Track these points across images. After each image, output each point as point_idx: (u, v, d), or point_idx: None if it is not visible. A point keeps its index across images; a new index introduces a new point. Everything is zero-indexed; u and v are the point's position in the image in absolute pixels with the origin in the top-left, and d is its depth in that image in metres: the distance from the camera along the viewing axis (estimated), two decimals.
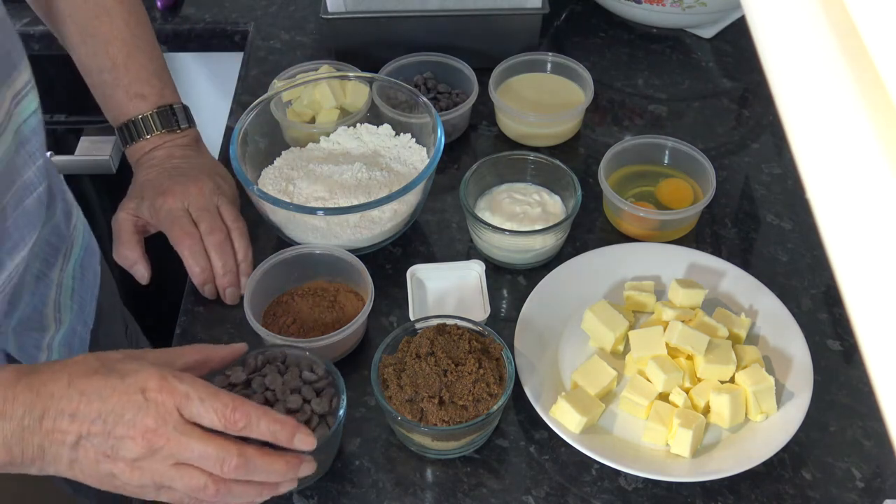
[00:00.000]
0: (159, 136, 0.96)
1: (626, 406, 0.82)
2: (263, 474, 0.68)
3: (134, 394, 0.66)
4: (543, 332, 0.88)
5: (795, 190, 1.04)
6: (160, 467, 0.66)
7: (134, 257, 0.93)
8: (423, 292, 0.91)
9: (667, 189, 1.01)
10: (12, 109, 0.80)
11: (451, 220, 1.01)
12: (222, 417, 0.66)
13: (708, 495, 0.78)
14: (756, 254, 0.98)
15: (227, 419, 0.67)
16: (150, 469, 0.66)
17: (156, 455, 0.66)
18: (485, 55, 1.15)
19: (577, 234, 0.99)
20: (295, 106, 1.05)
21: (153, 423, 0.65)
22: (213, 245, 0.90)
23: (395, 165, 0.99)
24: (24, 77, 0.82)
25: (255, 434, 0.68)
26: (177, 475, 0.66)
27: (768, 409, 0.81)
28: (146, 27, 0.98)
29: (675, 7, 1.20)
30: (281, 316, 0.87)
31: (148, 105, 0.95)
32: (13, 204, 0.82)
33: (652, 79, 1.19)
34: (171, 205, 0.90)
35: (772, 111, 1.15)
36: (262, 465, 0.68)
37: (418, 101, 0.99)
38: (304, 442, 0.70)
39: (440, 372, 0.77)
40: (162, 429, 0.65)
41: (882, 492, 0.78)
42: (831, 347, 0.89)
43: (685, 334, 0.82)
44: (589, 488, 0.79)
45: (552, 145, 1.09)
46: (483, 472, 0.80)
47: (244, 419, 0.67)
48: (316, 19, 1.28)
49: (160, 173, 0.93)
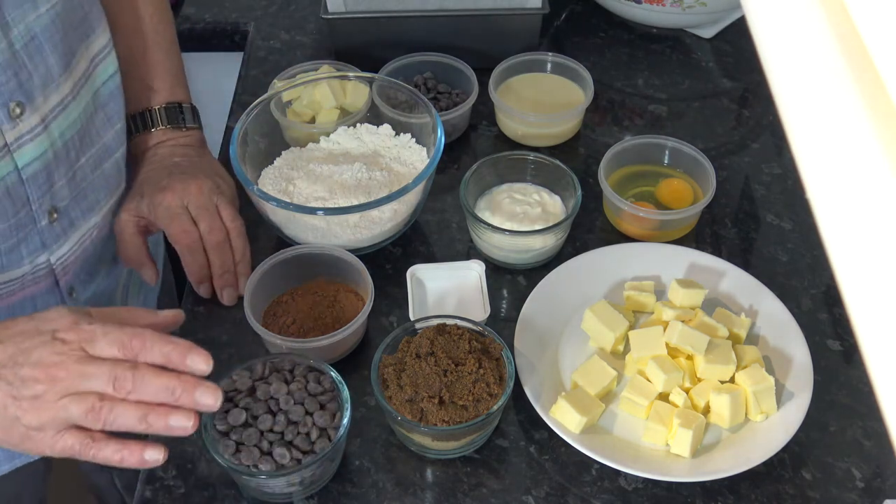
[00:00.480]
0: (163, 131, 0.97)
1: (626, 406, 0.82)
2: (152, 390, 0.66)
3: (44, 335, 0.67)
4: (543, 332, 0.88)
5: (795, 190, 1.04)
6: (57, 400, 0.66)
7: (141, 259, 0.93)
8: (423, 292, 0.91)
9: (667, 189, 1.01)
10: (91, 71, 0.85)
11: (451, 220, 1.01)
12: (120, 345, 0.66)
13: (708, 495, 0.78)
14: (756, 254, 0.98)
15: (124, 345, 0.66)
16: (48, 404, 0.66)
17: (54, 388, 0.66)
18: (485, 55, 1.15)
19: (577, 234, 0.99)
20: (295, 106, 1.05)
21: (56, 359, 0.66)
22: (211, 245, 0.90)
23: (395, 165, 0.99)
24: (102, 40, 0.86)
25: (149, 357, 0.67)
26: (70, 403, 0.66)
27: (768, 409, 0.81)
28: (169, 26, 1.00)
29: (675, 7, 1.20)
30: (281, 316, 0.87)
31: (157, 99, 0.97)
32: (91, 165, 0.87)
33: (652, 79, 1.19)
34: (169, 202, 0.90)
35: (772, 111, 1.15)
36: (152, 378, 0.66)
37: (418, 101, 0.99)
38: (196, 361, 0.68)
39: (440, 372, 0.77)
40: (64, 362, 0.66)
41: (882, 492, 0.78)
42: (831, 347, 0.89)
43: (685, 334, 0.82)
44: (589, 488, 0.79)
45: (552, 145, 1.09)
46: (483, 472, 0.80)
47: (140, 343, 0.67)
48: (316, 19, 1.28)
49: (160, 170, 0.94)
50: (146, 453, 0.67)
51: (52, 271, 0.87)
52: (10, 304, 0.85)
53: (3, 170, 0.77)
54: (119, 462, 0.67)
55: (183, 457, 0.81)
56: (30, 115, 0.77)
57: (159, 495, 0.78)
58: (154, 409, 0.67)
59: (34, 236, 0.83)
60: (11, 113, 0.75)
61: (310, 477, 0.76)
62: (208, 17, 1.32)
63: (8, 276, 0.82)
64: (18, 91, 0.76)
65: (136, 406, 0.66)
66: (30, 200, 0.80)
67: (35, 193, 0.80)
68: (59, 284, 0.88)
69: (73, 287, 0.91)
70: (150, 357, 0.67)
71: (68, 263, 0.88)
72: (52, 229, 0.84)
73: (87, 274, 0.92)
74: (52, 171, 0.82)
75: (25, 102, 0.76)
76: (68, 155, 0.83)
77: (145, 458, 0.67)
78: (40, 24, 0.77)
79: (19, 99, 0.76)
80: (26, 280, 0.84)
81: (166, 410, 0.67)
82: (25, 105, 0.76)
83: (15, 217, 0.80)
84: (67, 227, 0.86)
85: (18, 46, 0.75)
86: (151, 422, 0.67)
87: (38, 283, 0.86)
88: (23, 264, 0.83)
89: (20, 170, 0.78)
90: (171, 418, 0.67)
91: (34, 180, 0.80)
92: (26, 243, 0.82)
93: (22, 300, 0.86)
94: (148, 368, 0.66)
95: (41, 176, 0.80)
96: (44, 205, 0.82)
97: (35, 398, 0.66)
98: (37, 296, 0.87)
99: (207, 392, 0.67)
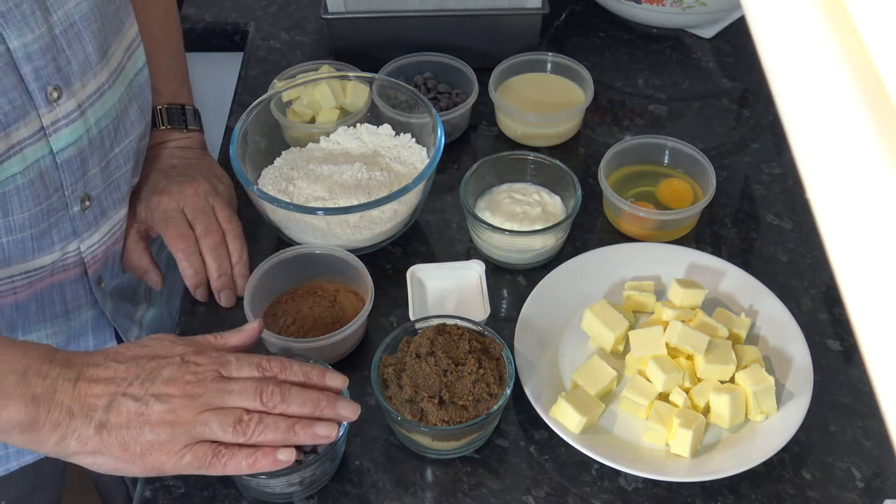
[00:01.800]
0: (164, 131, 0.97)
1: (626, 406, 0.82)
2: (300, 401, 0.70)
3: (172, 358, 0.70)
4: (543, 332, 0.88)
5: (795, 190, 1.04)
6: (195, 414, 0.68)
7: (144, 265, 0.94)
8: (423, 292, 0.91)
9: (667, 189, 1.01)
10: (125, 62, 0.86)
11: (451, 220, 1.01)
12: (257, 366, 0.71)
13: (708, 495, 0.78)
14: (756, 254, 0.98)
15: (262, 367, 0.71)
16: (185, 417, 0.67)
17: (193, 403, 0.68)
18: (485, 55, 1.15)
19: (577, 234, 0.99)
20: (295, 106, 1.05)
21: (193, 378, 0.69)
22: (208, 247, 0.90)
23: (395, 165, 0.99)
24: (132, 33, 0.88)
25: (290, 376, 0.72)
26: (211, 416, 0.68)
27: (768, 409, 0.81)
28: (176, 30, 1.01)
29: (675, 7, 1.20)
30: (281, 316, 0.87)
31: (160, 100, 0.98)
32: (125, 156, 0.88)
33: (652, 79, 1.19)
34: (166, 204, 0.90)
35: (772, 111, 1.15)
36: (298, 391, 0.71)
37: (418, 101, 0.99)
38: (335, 380, 0.74)
39: (440, 372, 0.77)
40: (202, 381, 0.69)
41: (882, 492, 0.78)
42: (831, 347, 0.89)
43: (685, 334, 0.82)
44: (589, 488, 0.79)
45: (552, 145, 1.09)
46: (483, 472, 0.80)
47: (279, 365, 0.72)
48: (316, 19, 1.28)
49: (157, 173, 0.94)
50: (279, 454, 0.70)
51: (82, 260, 0.87)
52: (38, 290, 0.85)
53: (39, 153, 0.77)
54: (250, 467, 0.69)
55: None
56: (67, 100, 0.78)
57: (159, 495, 0.78)
58: (299, 421, 0.71)
59: (66, 222, 0.83)
60: (49, 97, 0.76)
61: (309, 477, 0.76)
62: (208, 17, 1.32)
63: (38, 262, 0.82)
64: (56, 75, 0.76)
65: (284, 418, 0.70)
66: (63, 186, 0.81)
67: (69, 179, 0.81)
68: (87, 273, 0.89)
69: (101, 277, 0.91)
70: (292, 376, 0.72)
71: (98, 253, 0.89)
72: (84, 217, 0.85)
73: (116, 264, 0.93)
74: (87, 157, 0.82)
75: (63, 87, 0.77)
76: (102, 143, 0.84)
77: (280, 458, 0.70)
78: (80, 12, 0.77)
79: (57, 83, 0.76)
80: (56, 267, 0.85)
81: (310, 421, 0.71)
82: (63, 89, 0.77)
83: (47, 201, 0.80)
84: (99, 215, 0.87)
85: (58, 31, 0.76)
86: (298, 431, 0.70)
87: (67, 271, 0.87)
88: (53, 251, 0.83)
89: (55, 154, 0.79)
90: (316, 427, 0.71)
91: (68, 165, 0.80)
92: (57, 229, 0.83)
93: (50, 287, 0.86)
94: (291, 384, 0.71)
95: (75, 162, 0.81)
96: (76, 191, 0.82)
97: (169, 411, 0.67)
98: (65, 283, 0.87)
99: (348, 405, 0.73)
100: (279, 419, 0.70)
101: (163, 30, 0.98)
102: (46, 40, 0.74)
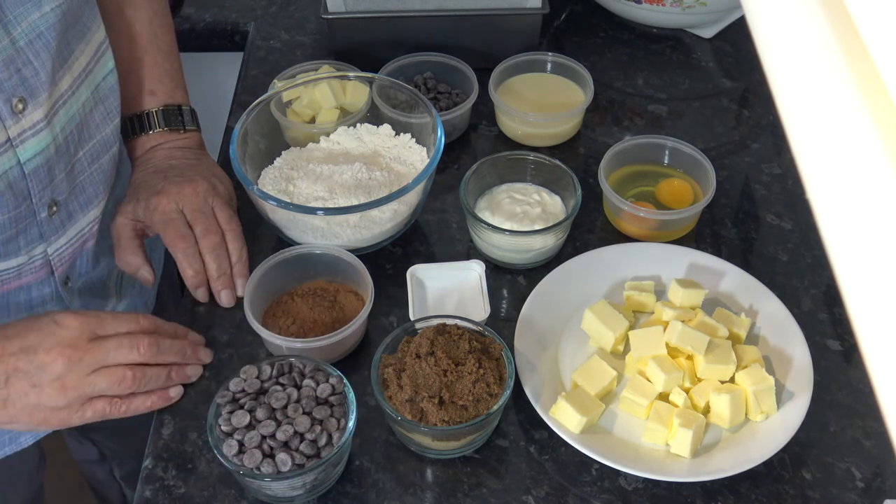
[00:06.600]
0: (161, 133, 0.97)
1: (626, 406, 0.82)
2: (171, 351, 0.81)
3: (48, 326, 0.75)
4: (543, 332, 0.88)
5: (795, 190, 1.04)
6: (83, 378, 0.75)
7: (137, 262, 0.93)
8: (423, 292, 0.91)
9: (667, 189, 1.01)
10: (92, 67, 0.87)
11: (451, 220, 1.01)
12: (134, 323, 0.79)
13: (708, 495, 0.78)
14: (756, 254, 0.98)
15: (138, 323, 0.80)
16: (74, 383, 0.75)
17: (77, 367, 0.75)
18: (485, 55, 1.15)
19: (577, 234, 0.99)
20: (295, 106, 1.05)
21: (70, 341, 0.75)
22: (207, 248, 0.90)
23: (395, 165, 0.99)
24: (99, 36, 0.88)
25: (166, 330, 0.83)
26: (98, 378, 0.76)
27: (768, 409, 0.81)
28: (168, 28, 1.01)
29: (675, 7, 1.20)
30: (281, 316, 0.87)
31: (156, 102, 0.98)
32: (89, 158, 0.89)
33: (652, 79, 1.19)
34: (164, 206, 0.90)
35: (772, 111, 1.15)
36: (170, 343, 0.81)
37: (418, 101, 0.99)
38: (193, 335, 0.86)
39: (440, 372, 0.77)
40: (79, 343, 0.75)
41: (882, 492, 0.78)
42: (831, 347, 0.89)
43: (685, 334, 0.82)
44: (589, 488, 0.79)
45: (552, 145, 1.09)
46: (483, 472, 0.80)
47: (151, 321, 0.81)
48: (316, 19, 1.28)
49: (156, 174, 0.94)
50: (171, 391, 0.82)
51: (49, 262, 0.88)
52: (4, 291, 0.86)
53: (6, 164, 0.77)
54: (149, 408, 0.80)
55: (183, 457, 0.81)
56: (32, 111, 0.78)
57: (159, 495, 0.78)
58: (173, 367, 0.82)
59: (33, 228, 0.84)
60: (14, 108, 0.76)
61: (312, 481, 0.76)
62: (208, 18, 1.32)
63: (3, 265, 0.84)
64: (21, 87, 0.76)
65: (161, 367, 0.80)
66: (31, 194, 0.81)
67: (36, 187, 0.82)
68: (54, 274, 0.90)
69: (68, 277, 0.92)
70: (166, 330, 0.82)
71: (65, 255, 0.89)
72: (51, 222, 0.86)
73: (83, 265, 0.94)
74: (53, 165, 0.83)
75: (28, 98, 0.77)
76: (68, 149, 0.84)
77: (171, 395, 0.82)
78: (46, 23, 0.77)
79: (22, 95, 0.76)
80: (23, 269, 0.86)
81: (182, 367, 0.83)
82: (28, 101, 0.77)
83: (16, 210, 0.81)
84: (66, 219, 0.88)
85: (22, 43, 0.76)
86: (174, 376, 0.82)
87: (34, 273, 0.87)
88: (20, 255, 0.84)
89: (23, 164, 0.79)
90: (187, 370, 0.83)
91: (35, 175, 0.81)
92: (24, 235, 0.84)
93: (17, 289, 0.87)
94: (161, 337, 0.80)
95: (42, 170, 0.81)
96: (44, 198, 0.83)
97: (57, 379, 0.74)
98: (32, 285, 0.88)
99: (206, 351, 0.86)
100: (158, 369, 0.80)
101: (154, 29, 0.98)
102: (9, 53, 0.74)
